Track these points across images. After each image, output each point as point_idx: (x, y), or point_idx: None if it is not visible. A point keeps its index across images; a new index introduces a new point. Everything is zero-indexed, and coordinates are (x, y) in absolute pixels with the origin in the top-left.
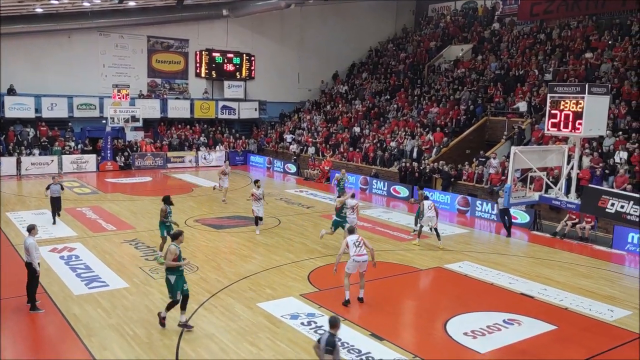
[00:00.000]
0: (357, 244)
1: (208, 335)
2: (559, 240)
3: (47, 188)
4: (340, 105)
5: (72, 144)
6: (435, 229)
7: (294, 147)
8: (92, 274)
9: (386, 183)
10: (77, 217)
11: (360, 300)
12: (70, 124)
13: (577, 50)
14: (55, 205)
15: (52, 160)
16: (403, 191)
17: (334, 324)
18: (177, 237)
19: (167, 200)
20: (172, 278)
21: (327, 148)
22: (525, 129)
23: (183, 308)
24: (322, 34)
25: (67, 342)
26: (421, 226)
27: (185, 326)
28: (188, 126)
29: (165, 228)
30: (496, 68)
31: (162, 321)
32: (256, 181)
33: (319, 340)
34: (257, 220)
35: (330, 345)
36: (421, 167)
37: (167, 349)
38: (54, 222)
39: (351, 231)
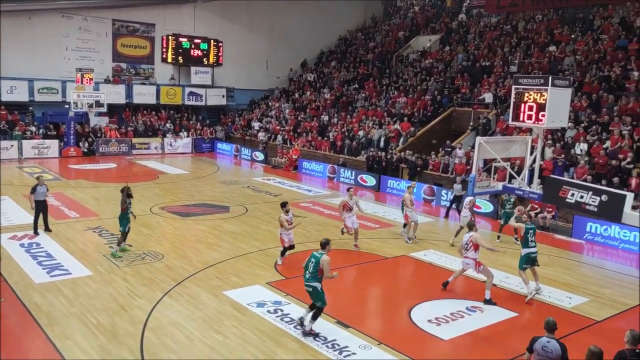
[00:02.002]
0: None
1: (173, 323)
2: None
3: (32, 191)
4: (308, 94)
5: (33, 128)
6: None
7: (261, 135)
8: (54, 262)
9: (354, 172)
10: None
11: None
12: (31, 108)
13: (541, 43)
14: (40, 210)
15: (12, 145)
16: (370, 180)
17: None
18: (325, 246)
19: (126, 192)
20: (319, 286)
21: (295, 136)
22: (491, 120)
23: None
24: (291, 21)
25: (28, 332)
26: (461, 227)
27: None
28: (154, 112)
29: (127, 221)
30: (463, 59)
31: (311, 332)
32: (284, 204)
33: None
34: (286, 249)
35: None
36: (388, 157)
37: (132, 338)
38: (36, 232)
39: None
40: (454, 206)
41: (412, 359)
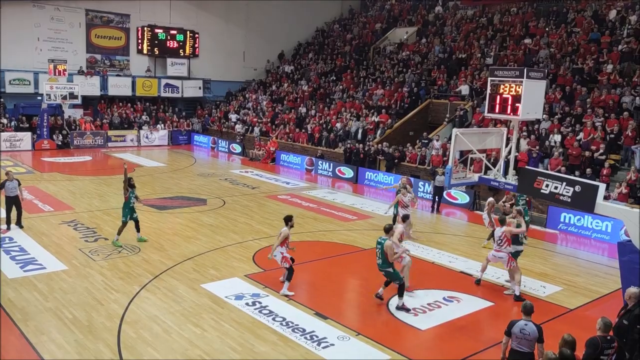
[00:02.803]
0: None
1: (151, 317)
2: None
3: (1, 187)
4: (286, 86)
5: (5, 121)
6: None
7: (239, 127)
8: (27, 256)
9: (331, 164)
10: None
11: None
12: (2, 100)
13: (516, 36)
14: (12, 206)
15: None
16: (348, 172)
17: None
18: (388, 230)
19: (127, 182)
20: (391, 268)
21: (273, 128)
22: (469, 112)
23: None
24: (268, 12)
25: (2, 328)
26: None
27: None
28: (129, 104)
29: (130, 211)
30: (440, 51)
31: (403, 307)
32: (289, 218)
33: None
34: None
35: None
36: (366, 149)
37: (109, 332)
38: (9, 228)
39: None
40: (436, 199)
41: (390, 349)
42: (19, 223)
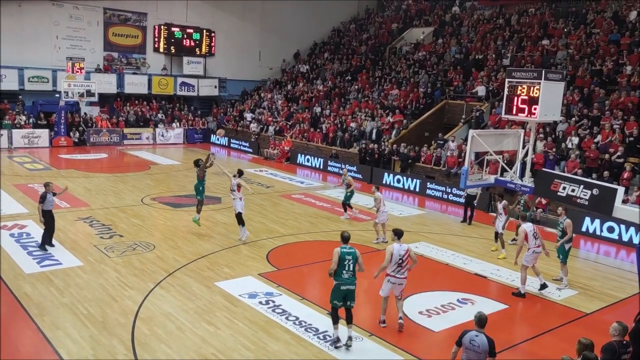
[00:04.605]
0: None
1: (165, 314)
2: (512, 221)
3: (42, 200)
4: (301, 85)
5: (24, 117)
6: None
7: (254, 126)
8: (44, 252)
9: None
10: (28, 194)
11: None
12: (20, 97)
13: (534, 37)
14: (50, 221)
15: (2, 135)
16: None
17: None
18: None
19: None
20: None
21: (288, 127)
22: (485, 113)
23: None
24: (284, 12)
25: (18, 322)
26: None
27: None
28: (145, 102)
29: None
30: (456, 52)
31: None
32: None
33: None
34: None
35: None
36: (380, 149)
37: (123, 328)
38: (51, 245)
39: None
40: (468, 209)
41: (403, 350)
42: (50, 241)
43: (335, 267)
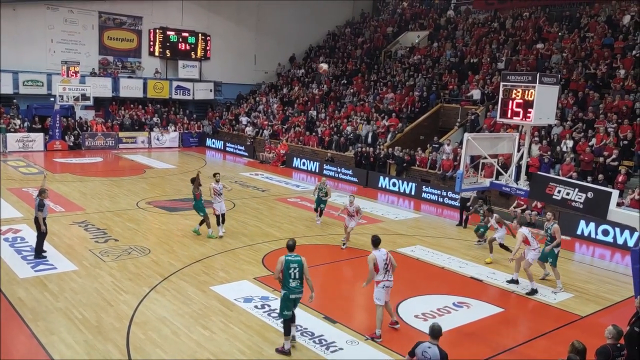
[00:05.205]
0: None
1: (160, 318)
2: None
3: (41, 208)
4: (297, 89)
5: (18, 121)
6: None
7: (249, 130)
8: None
9: (340, 170)
10: (22, 198)
11: None
12: (15, 100)
13: (529, 40)
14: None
15: None
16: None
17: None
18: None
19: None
20: None
21: (283, 130)
22: (480, 117)
23: None
24: (279, 15)
25: (12, 327)
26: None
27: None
28: (140, 106)
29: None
30: (451, 56)
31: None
32: (215, 174)
33: None
34: (220, 219)
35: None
36: (376, 152)
37: (118, 333)
38: (42, 255)
39: None
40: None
41: (398, 354)
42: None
43: (279, 275)
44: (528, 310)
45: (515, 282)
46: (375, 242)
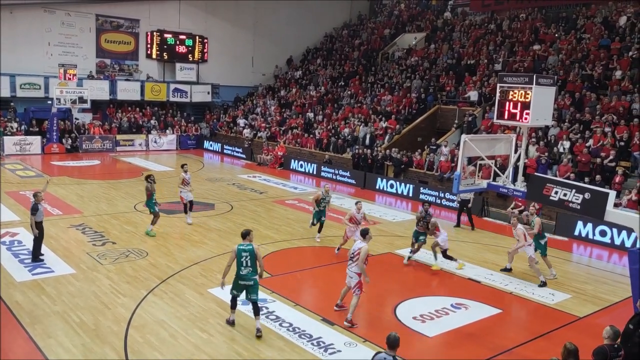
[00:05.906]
0: None
1: (158, 321)
2: (505, 226)
3: (34, 212)
4: (294, 91)
5: (15, 124)
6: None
7: (247, 132)
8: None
9: (338, 172)
10: (20, 201)
11: None
12: (12, 103)
13: (525, 42)
14: (42, 233)
15: None
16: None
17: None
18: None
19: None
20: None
21: (280, 132)
22: (477, 118)
23: None
24: (276, 18)
25: (9, 331)
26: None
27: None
28: (138, 109)
29: (153, 205)
30: (448, 57)
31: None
32: (183, 165)
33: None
34: (188, 206)
35: None
36: (374, 154)
37: (115, 336)
38: (35, 259)
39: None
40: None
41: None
42: (38, 255)
43: (231, 262)
44: (526, 311)
45: (509, 270)
46: (363, 233)
